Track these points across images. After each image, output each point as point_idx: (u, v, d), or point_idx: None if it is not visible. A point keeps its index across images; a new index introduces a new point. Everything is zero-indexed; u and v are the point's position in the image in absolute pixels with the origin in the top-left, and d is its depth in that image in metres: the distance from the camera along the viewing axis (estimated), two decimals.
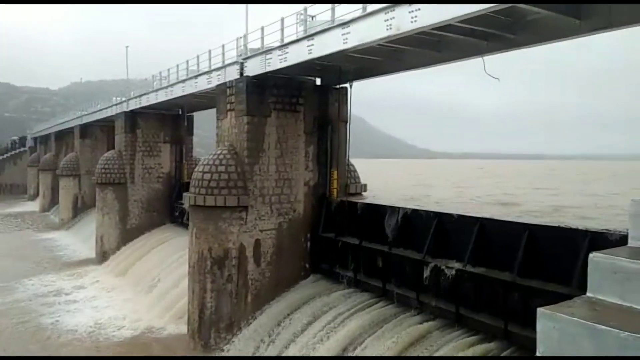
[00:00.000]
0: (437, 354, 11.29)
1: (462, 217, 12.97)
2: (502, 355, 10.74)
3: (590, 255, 3.40)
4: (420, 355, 11.62)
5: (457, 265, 12.23)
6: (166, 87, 24.54)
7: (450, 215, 13.38)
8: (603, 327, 2.79)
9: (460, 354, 11.00)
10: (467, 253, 12.04)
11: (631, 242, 3.67)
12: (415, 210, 14.10)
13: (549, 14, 10.59)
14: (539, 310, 3.11)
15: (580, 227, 10.37)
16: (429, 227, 13.27)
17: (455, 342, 11.46)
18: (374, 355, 12.15)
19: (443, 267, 12.48)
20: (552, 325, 3.04)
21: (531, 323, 10.22)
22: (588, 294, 3.39)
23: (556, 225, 11.09)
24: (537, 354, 3.08)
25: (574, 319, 2.95)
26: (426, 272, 12.95)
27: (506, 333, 10.92)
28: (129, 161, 28.50)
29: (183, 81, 22.45)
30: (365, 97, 18.36)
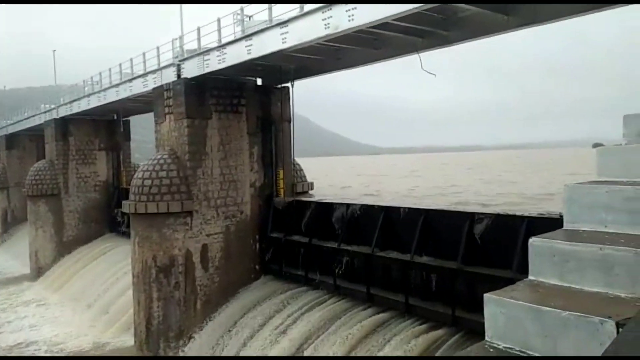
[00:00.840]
0: (388, 345, 11.50)
1: (407, 210, 13.30)
2: (450, 340, 11.07)
3: (530, 240, 3.57)
4: (373, 345, 11.79)
5: (404, 256, 12.51)
6: (99, 92, 23.46)
7: (396, 208, 13.68)
8: (546, 308, 2.93)
9: (411, 343, 11.26)
10: (413, 244, 12.36)
11: (566, 225, 3.88)
12: (362, 206, 14.30)
13: (479, 10, 11.06)
14: (486, 296, 3.23)
15: (517, 213, 10.88)
16: (376, 221, 13.51)
17: (406, 332, 11.73)
18: (326, 351, 12.22)
19: (391, 259, 12.73)
20: (498, 310, 3.15)
21: (477, 308, 10.75)
22: (530, 277, 3.55)
23: (495, 212, 11.58)
24: (486, 339, 3.18)
25: (519, 302, 3.08)
26: (375, 266, 13.17)
27: (454, 319, 11.29)
28: (62, 171, 27.00)
29: (117, 85, 21.56)
30: (308, 96, 18.44)
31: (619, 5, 10.34)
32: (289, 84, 17.89)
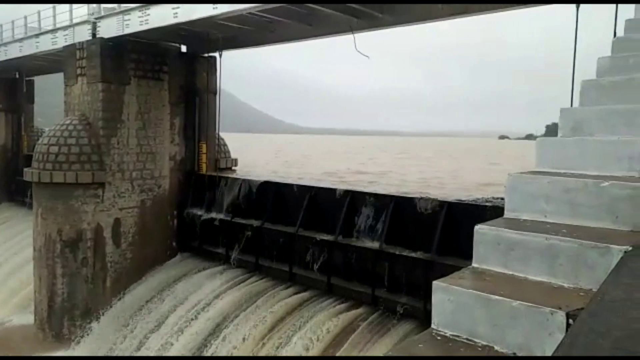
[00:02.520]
0: (308, 323, 11.53)
1: (331, 190, 13.29)
2: (369, 318, 11.31)
3: (476, 227, 3.55)
4: (294, 323, 11.76)
5: (328, 237, 12.53)
6: None
7: (322, 188, 13.64)
8: (496, 297, 2.91)
9: (331, 320, 11.36)
10: (338, 225, 12.40)
11: (507, 214, 3.92)
12: (287, 185, 14.10)
13: None
14: (435, 283, 3.16)
15: (438, 198, 11.23)
16: (301, 201, 13.38)
17: (327, 310, 11.83)
18: (246, 329, 12.01)
19: (315, 239, 12.70)
20: (446, 298, 3.10)
21: (395, 288, 11.10)
22: (474, 264, 3.54)
23: (418, 196, 11.88)
24: (432, 326, 3.12)
25: (468, 290, 3.04)
26: (298, 245, 13.08)
27: (374, 298, 11.53)
28: None
29: (21, 40, 19.35)
30: (232, 70, 17.67)
31: (529, 5, 10.97)
32: (216, 54, 17.06)
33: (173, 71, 16.18)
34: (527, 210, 3.85)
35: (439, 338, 3.05)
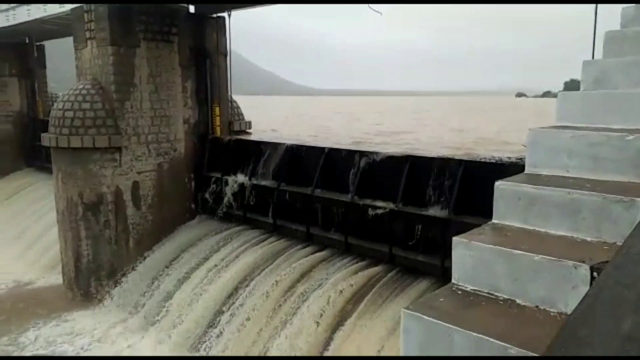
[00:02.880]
0: (328, 281, 11.76)
1: (347, 151, 13.27)
2: (387, 275, 11.50)
3: (497, 183, 3.54)
4: (312, 284, 12.02)
5: (345, 197, 12.60)
6: (6, 11, 20.79)
7: (337, 150, 13.61)
8: (518, 251, 2.93)
9: (349, 279, 11.59)
10: (354, 185, 12.44)
11: (528, 169, 3.89)
12: (303, 146, 14.09)
13: None
14: (455, 239, 3.19)
15: (455, 157, 11.16)
16: (317, 161, 13.40)
17: (345, 269, 12.04)
18: (265, 288, 12.32)
19: (331, 199, 12.79)
20: (467, 253, 3.13)
21: (412, 247, 11.21)
22: (494, 220, 3.55)
23: (431, 156, 11.79)
24: (453, 281, 3.17)
25: (489, 245, 3.05)
26: (315, 206, 13.19)
27: (391, 257, 11.68)
28: None
29: (28, 3, 19.15)
30: (239, 29, 17.34)
31: None
32: (225, 14, 16.76)
33: (182, 33, 15.95)
34: (548, 166, 3.82)
35: (459, 292, 3.11)
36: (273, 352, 10.81)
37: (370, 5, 12.93)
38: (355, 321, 10.42)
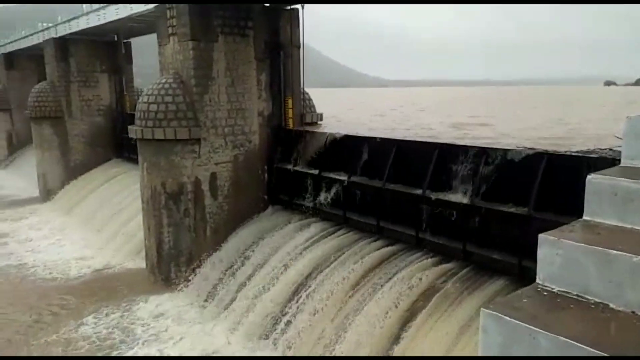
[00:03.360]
0: (398, 276, 11.57)
1: (420, 144, 12.96)
2: (460, 273, 11.11)
3: (589, 176, 3.25)
4: (381, 277, 11.88)
5: (416, 191, 12.32)
6: (97, 10, 22.34)
7: (409, 142, 13.34)
8: (614, 251, 2.66)
9: (421, 274, 11.33)
10: (426, 179, 12.12)
11: (624, 162, 3.55)
12: (374, 139, 13.92)
13: None
14: (541, 236, 2.96)
15: (539, 150, 10.52)
16: (388, 154, 13.20)
17: (416, 264, 11.79)
18: (335, 280, 12.35)
19: (402, 192, 12.55)
20: (555, 252, 2.90)
21: (488, 243, 10.72)
22: (585, 217, 3.27)
23: (507, 148, 11.19)
24: (538, 281, 2.95)
25: (581, 244, 2.81)
26: (386, 199, 13.01)
27: (465, 253, 11.27)
28: (64, 93, 26.33)
29: (116, 3, 20.44)
30: (309, 21, 17.35)
31: None
32: (298, 6, 16.88)
33: (257, 26, 16.29)
34: None
35: (545, 293, 2.90)
36: (341, 344, 10.82)
37: None
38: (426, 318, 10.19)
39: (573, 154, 10.07)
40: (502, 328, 2.57)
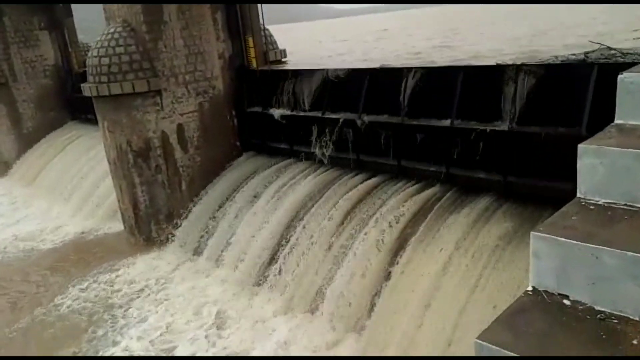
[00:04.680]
0: (384, 207, 11.51)
1: (393, 70, 12.49)
2: (445, 196, 11.10)
3: (620, 76, 2.95)
4: (368, 209, 11.80)
5: (394, 119, 12.01)
6: None
7: (382, 69, 12.84)
8: None
9: (407, 201, 11.28)
10: (403, 105, 11.79)
11: None
12: (344, 70, 13.35)
13: None
14: (581, 146, 2.70)
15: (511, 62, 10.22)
16: (361, 85, 12.72)
17: (400, 192, 11.71)
18: (322, 218, 12.23)
19: (380, 123, 12.23)
20: (597, 161, 2.65)
21: (472, 165, 10.65)
22: (617, 121, 3.02)
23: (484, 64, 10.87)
24: (579, 195, 2.71)
25: (627, 150, 2.55)
26: (364, 132, 12.67)
27: (448, 176, 11.20)
28: (4, 56, 24.16)
29: None
30: None
31: None
32: None
33: None
34: None
35: (592, 207, 2.66)
36: (335, 282, 10.82)
37: None
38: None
39: (551, 62, 9.85)
40: (559, 251, 2.34)
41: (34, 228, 18.45)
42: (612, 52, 9.25)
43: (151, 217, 15.21)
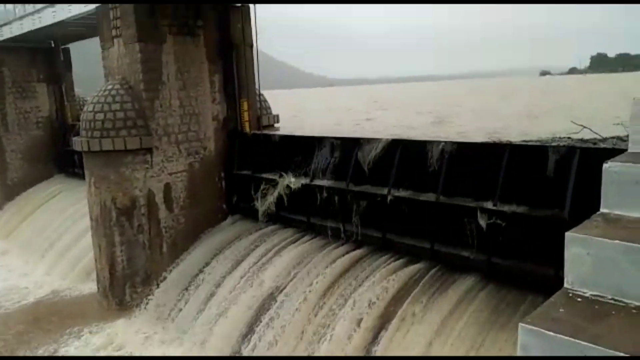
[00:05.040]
0: (368, 280, 11.23)
1: (387, 141, 12.68)
2: (430, 273, 10.89)
3: (605, 165, 2.96)
4: (350, 284, 11.49)
5: (381, 190, 12.03)
6: (32, 14, 20.85)
7: (370, 139, 13.03)
8: None
9: (391, 277, 11.03)
10: (391, 178, 11.86)
11: (632, 148, 3.29)
12: (336, 139, 13.53)
13: None
14: (568, 234, 2.64)
15: (502, 141, 10.44)
16: (351, 155, 12.87)
17: (384, 267, 11.47)
18: (302, 291, 11.84)
19: (367, 193, 12.23)
20: (584, 252, 2.57)
21: (454, 242, 10.53)
22: (603, 210, 2.99)
23: (477, 142, 11.11)
24: (566, 285, 2.62)
25: (614, 241, 2.49)
26: (351, 201, 12.64)
27: (433, 253, 11.06)
28: None
29: (53, 4, 19.10)
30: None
31: None
32: (250, 4, 16.29)
33: (208, 25, 15.54)
34: None
35: (579, 299, 2.55)
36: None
37: None
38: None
39: (539, 144, 10.05)
40: (545, 344, 2.21)
41: (4, 285, 17.62)
42: (594, 136, 9.52)
43: (127, 279, 14.65)
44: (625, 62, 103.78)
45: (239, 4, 16.14)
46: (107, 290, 14.87)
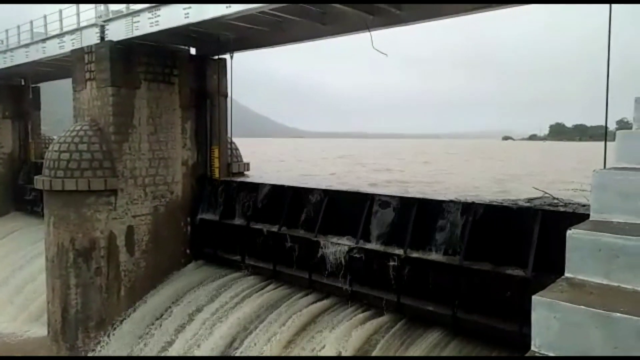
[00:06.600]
0: (333, 332, 11.06)
1: (354, 194, 12.86)
2: (395, 327, 10.83)
3: (569, 232, 3.11)
4: (315, 335, 11.30)
5: (350, 242, 12.08)
6: (4, 52, 20.64)
7: (341, 192, 13.20)
8: (618, 314, 2.45)
9: (355, 330, 10.90)
10: (359, 229, 11.95)
11: (594, 216, 3.47)
12: (305, 189, 13.64)
13: None
14: (535, 298, 2.72)
15: (473, 200, 10.75)
16: (319, 205, 12.95)
17: (350, 319, 11.35)
18: (265, 341, 11.56)
19: (335, 244, 12.24)
20: (551, 315, 2.66)
21: (423, 296, 10.60)
22: (568, 274, 3.10)
23: (440, 199, 11.38)
24: (533, 348, 2.68)
25: (580, 307, 2.59)
26: (318, 251, 12.60)
27: (399, 306, 11.04)
28: None
29: (27, 45, 19.02)
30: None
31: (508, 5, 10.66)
32: (226, 56, 16.68)
33: (183, 74, 15.80)
34: (619, 211, 3.40)
35: None
36: None
37: (376, 47, 12.86)
38: None
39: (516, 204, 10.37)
40: None
41: None
42: (555, 200, 9.92)
43: (80, 323, 13.96)
44: (582, 132, 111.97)
45: (216, 57, 16.48)
46: (58, 334, 14.10)
